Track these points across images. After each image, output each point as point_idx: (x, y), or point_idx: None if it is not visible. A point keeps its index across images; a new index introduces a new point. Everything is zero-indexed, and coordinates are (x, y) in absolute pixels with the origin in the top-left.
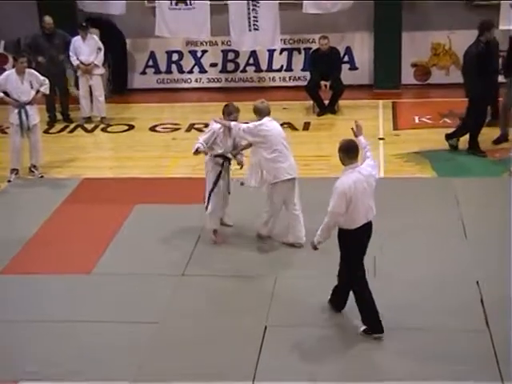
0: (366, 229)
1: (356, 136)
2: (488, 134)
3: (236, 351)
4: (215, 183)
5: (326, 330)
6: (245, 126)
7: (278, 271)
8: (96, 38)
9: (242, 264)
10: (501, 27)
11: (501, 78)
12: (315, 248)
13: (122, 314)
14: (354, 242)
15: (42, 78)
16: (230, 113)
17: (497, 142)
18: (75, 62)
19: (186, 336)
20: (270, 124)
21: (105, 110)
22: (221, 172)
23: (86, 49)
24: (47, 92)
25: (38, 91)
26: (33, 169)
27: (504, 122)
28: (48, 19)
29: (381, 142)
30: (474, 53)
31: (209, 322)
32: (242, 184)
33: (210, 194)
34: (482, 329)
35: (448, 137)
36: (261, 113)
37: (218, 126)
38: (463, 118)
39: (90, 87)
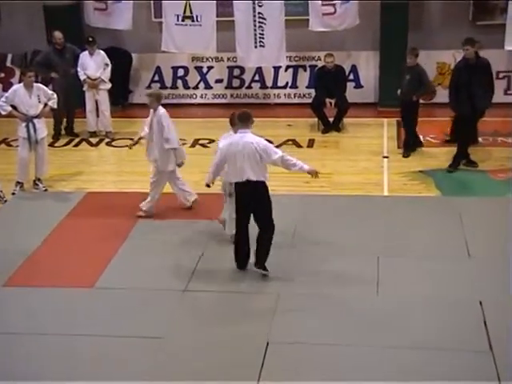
0: (243, 187)
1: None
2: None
3: (238, 368)
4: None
5: (329, 347)
6: None
7: (281, 288)
8: (103, 53)
9: (245, 280)
10: (506, 47)
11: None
12: (208, 185)
13: (125, 328)
14: (236, 194)
15: (50, 92)
16: (234, 123)
17: None
18: (82, 77)
19: (189, 351)
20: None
21: (110, 125)
22: None
23: (93, 64)
24: (55, 106)
25: (45, 105)
26: (37, 182)
27: None
28: (58, 34)
29: (385, 160)
30: (454, 69)
31: (210, 338)
32: None
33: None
34: (484, 350)
35: (452, 166)
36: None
37: (222, 143)
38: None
39: (97, 102)
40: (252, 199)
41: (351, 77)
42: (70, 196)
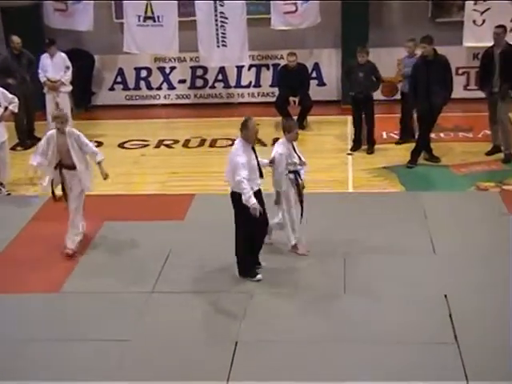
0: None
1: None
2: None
3: (207, 367)
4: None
5: (297, 345)
6: None
7: (251, 288)
8: (64, 55)
9: (214, 280)
10: (464, 44)
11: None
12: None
13: (92, 331)
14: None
15: (10, 96)
16: (290, 130)
17: (489, 153)
18: (42, 79)
19: (156, 353)
20: None
21: (73, 127)
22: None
23: (54, 66)
24: (16, 110)
25: (6, 108)
26: (0, 186)
27: (494, 134)
28: (16, 39)
29: (349, 157)
30: (412, 66)
31: (178, 339)
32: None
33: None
34: (450, 342)
35: (411, 162)
36: None
37: (283, 148)
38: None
39: (57, 104)
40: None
41: (314, 75)
42: (33, 200)
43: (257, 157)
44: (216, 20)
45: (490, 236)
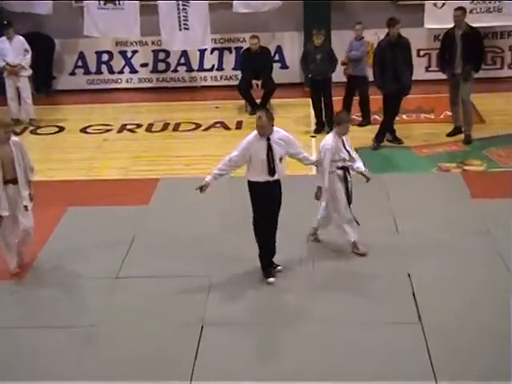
0: None
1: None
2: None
3: (173, 351)
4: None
5: (261, 328)
6: None
7: (212, 271)
8: (22, 39)
9: (175, 264)
10: (426, 25)
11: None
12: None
13: (57, 318)
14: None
15: None
16: (339, 122)
17: (451, 134)
18: (1, 64)
19: (122, 338)
20: None
21: (34, 112)
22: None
23: (12, 50)
24: None
25: None
26: None
27: (455, 116)
28: None
29: (313, 139)
30: (376, 48)
31: (144, 323)
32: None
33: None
34: (414, 321)
35: (376, 142)
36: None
37: (330, 143)
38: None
39: (18, 89)
40: None
41: (276, 58)
42: None
43: (271, 152)
44: (178, 3)
45: (452, 213)
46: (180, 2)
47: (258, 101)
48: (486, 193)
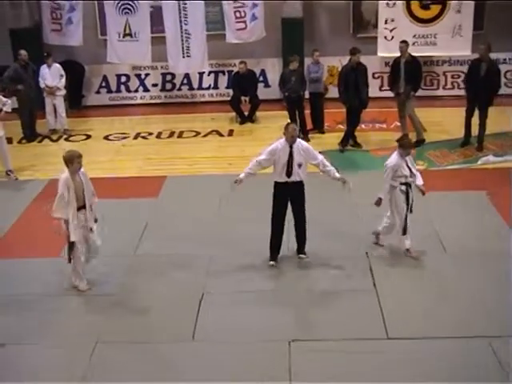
0: None
1: None
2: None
3: (177, 312)
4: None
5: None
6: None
7: (213, 251)
8: (59, 66)
9: (179, 246)
10: (378, 54)
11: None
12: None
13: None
14: None
15: (4, 99)
16: (404, 147)
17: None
18: (42, 85)
19: (138, 303)
20: None
21: (67, 124)
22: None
23: (51, 75)
24: (9, 110)
25: (0, 110)
26: (9, 172)
27: (402, 125)
28: (24, 52)
29: None
30: (341, 71)
31: (155, 291)
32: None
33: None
34: (369, 289)
35: (341, 145)
36: None
37: (393, 161)
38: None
39: (54, 105)
40: None
41: (261, 79)
42: (37, 183)
43: (291, 155)
44: (181, 36)
45: None
46: (183, 35)
47: (246, 113)
48: (427, 187)
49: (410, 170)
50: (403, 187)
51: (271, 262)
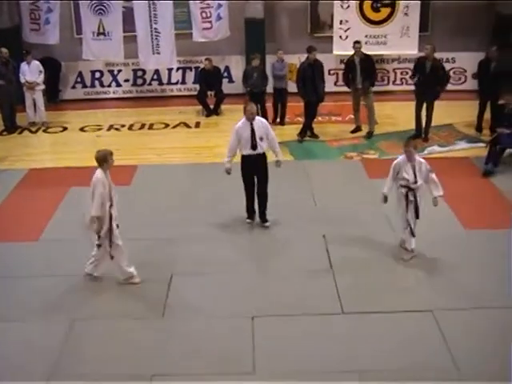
0: None
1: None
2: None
3: (148, 291)
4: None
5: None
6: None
7: (180, 233)
8: (37, 62)
9: (151, 228)
10: (334, 52)
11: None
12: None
13: (72, 269)
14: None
15: None
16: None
17: (353, 132)
18: (22, 81)
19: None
20: None
21: (45, 116)
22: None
23: (30, 71)
24: None
25: None
26: None
27: (356, 117)
28: (4, 50)
29: None
30: (299, 68)
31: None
32: None
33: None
34: (327, 269)
35: (300, 136)
36: None
37: (397, 161)
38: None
39: (34, 100)
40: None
41: (225, 74)
42: (17, 173)
43: (253, 131)
44: (152, 34)
45: (355, 190)
46: (153, 33)
47: (212, 106)
48: (378, 174)
49: (416, 176)
50: (403, 190)
51: (248, 220)
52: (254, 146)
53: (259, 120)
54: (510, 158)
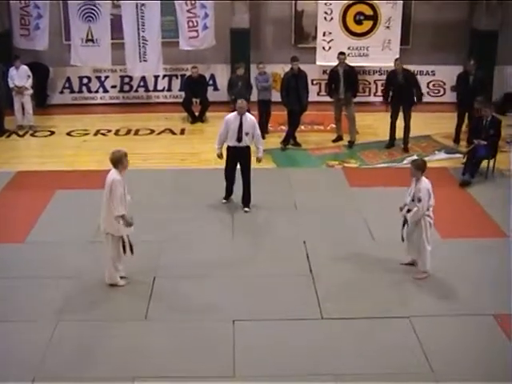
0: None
1: None
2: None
3: (130, 296)
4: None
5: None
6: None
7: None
8: (26, 67)
9: (141, 228)
10: (317, 63)
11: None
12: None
13: (56, 270)
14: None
15: None
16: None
17: (335, 141)
18: (11, 85)
19: (101, 287)
20: None
21: (33, 120)
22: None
23: (19, 75)
24: None
25: None
26: None
27: (338, 127)
28: None
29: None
30: (283, 78)
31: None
32: None
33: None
34: (306, 274)
35: (283, 144)
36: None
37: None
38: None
39: (22, 104)
40: None
41: (211, 82)
42: (5, 175)
43: (241, 125)
44: (139, 42)
45: (336, 197)
46: (141, 41)
47: (197, 114)
48: (359, 183)
49: (413, 199)
50: (403, 211)
51: (223, 200)
52: (239, 139)
53: (249, 116)
54: (485, 170)
